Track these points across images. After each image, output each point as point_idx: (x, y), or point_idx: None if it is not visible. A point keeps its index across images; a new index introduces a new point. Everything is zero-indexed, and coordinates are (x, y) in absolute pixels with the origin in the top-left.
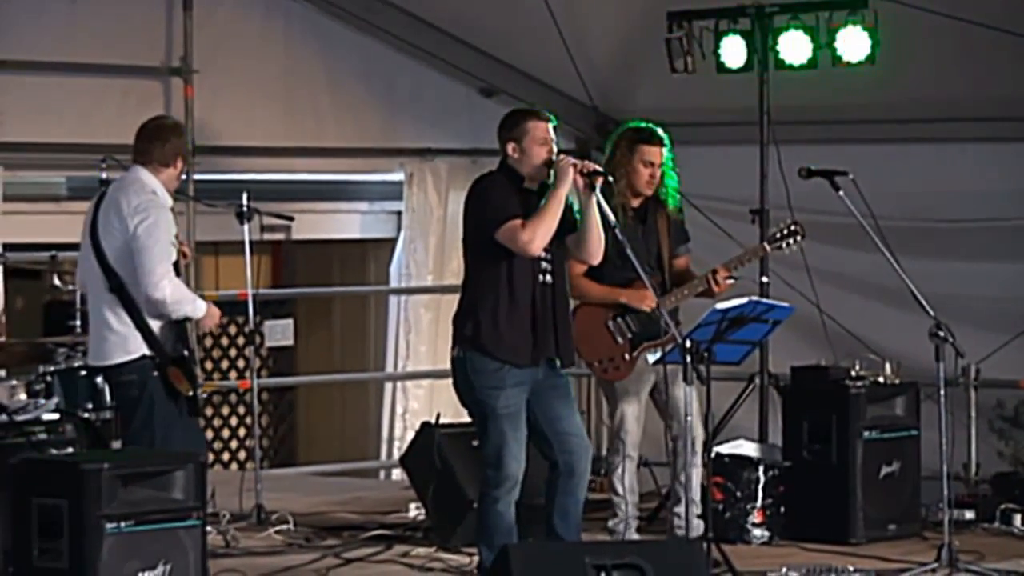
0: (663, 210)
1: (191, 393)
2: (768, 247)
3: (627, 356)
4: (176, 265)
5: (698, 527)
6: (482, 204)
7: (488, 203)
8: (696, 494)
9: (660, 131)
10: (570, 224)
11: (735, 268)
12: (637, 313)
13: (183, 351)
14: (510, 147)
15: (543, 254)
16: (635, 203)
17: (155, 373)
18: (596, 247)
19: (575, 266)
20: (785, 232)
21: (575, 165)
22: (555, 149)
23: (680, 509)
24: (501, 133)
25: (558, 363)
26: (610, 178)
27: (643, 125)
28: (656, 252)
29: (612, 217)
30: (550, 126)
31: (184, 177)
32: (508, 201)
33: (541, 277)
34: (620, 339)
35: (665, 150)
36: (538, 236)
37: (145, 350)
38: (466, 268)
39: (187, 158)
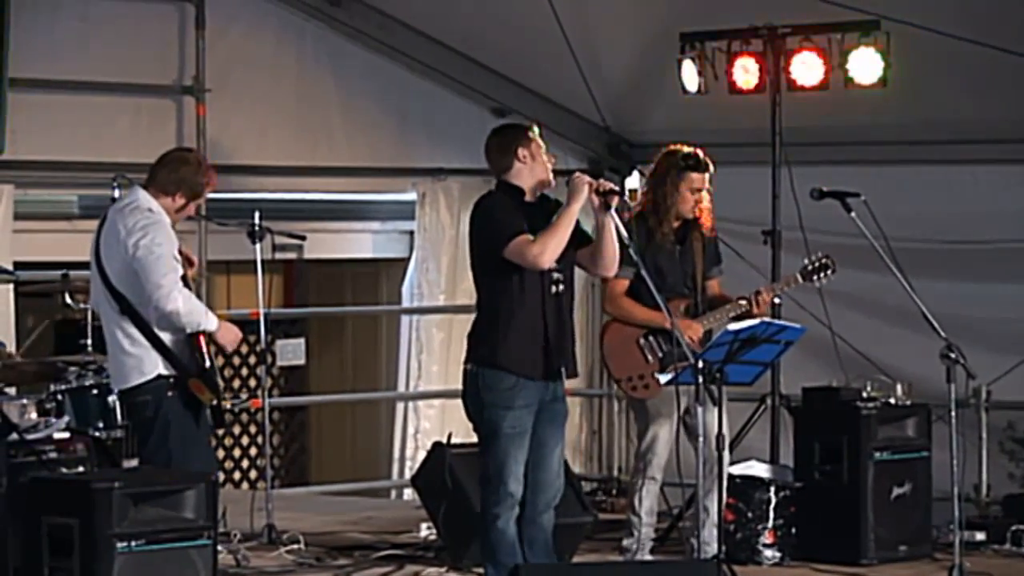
0: (699, 231)
1: (214, 403)
2: (800, 279)
3: (656, 375)
4: (184, 278)
5: (708, 551)
6: (487, 223)
7: (493, 221)
8: (719, 518)
9: (704, 156)
10: (579, 236)
11: (781, 292)
12: (669, 333)
13: (203, 363)
14: (522, 153)
15: (555, 265)
16: (675, 224)
17: (170, 393)
18: (611, 260)
19: (617, 284)
20: (818, 265)
21: (590, 183)
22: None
23: (703, 533)
24: (504, 144)
25: (563, 375)
26: (625, 198)
27: (689, 151)
28: (691, 273)
29: (627, 235)
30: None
31: (192, 214)
32: (513, 217)
33: (552, 288)
34: (651, 357)
35: (707, 175)
36: (548, 250)
37: (160, 370)
38: (477, 287)
39: (193, 194)
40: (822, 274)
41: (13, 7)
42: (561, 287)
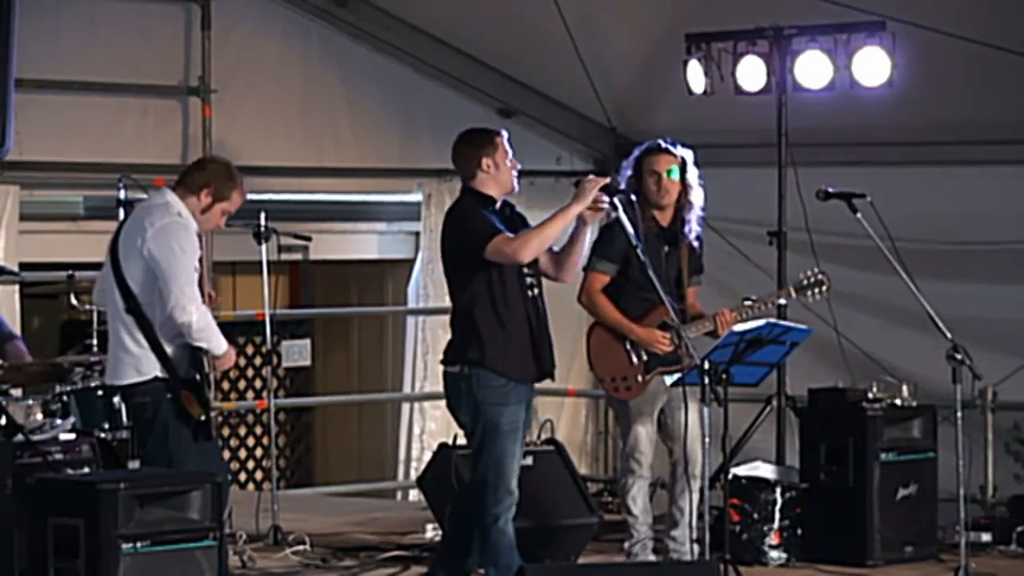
0: (687, 238)
1: (203, 417)
2: (793, 293)
3: (640, 378)
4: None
5: (694, 551)
6: (464, 226)
7: (469, 225)
8: (693, 519)
9: (675, 146)
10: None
11: (744, 315)
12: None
13: (196, 375)
14: (485, 163)
15: (526, 270)
16: (664, 222)
17: (168, 396)
18: (575, 267)
19: (595, 279)
20: (812, 281)
21: (600, 186)
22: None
23: (676, 533)
24: (469, 152)
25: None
26: (632, 197)
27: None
28: (676, 277)
29: (634, 236)
30: (507, 138)
31: (219, 225)
32: (487, 219)
33: (530, 292)
34: (636, 359)
35: (672, 158)
36: (530, 245)
37: (158, 372)
38: (455, 293)
39: (218, 195)
40: (816, 290)
41: (19, 7)
42: (536, 291)
